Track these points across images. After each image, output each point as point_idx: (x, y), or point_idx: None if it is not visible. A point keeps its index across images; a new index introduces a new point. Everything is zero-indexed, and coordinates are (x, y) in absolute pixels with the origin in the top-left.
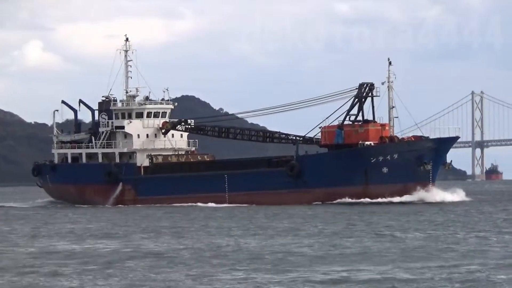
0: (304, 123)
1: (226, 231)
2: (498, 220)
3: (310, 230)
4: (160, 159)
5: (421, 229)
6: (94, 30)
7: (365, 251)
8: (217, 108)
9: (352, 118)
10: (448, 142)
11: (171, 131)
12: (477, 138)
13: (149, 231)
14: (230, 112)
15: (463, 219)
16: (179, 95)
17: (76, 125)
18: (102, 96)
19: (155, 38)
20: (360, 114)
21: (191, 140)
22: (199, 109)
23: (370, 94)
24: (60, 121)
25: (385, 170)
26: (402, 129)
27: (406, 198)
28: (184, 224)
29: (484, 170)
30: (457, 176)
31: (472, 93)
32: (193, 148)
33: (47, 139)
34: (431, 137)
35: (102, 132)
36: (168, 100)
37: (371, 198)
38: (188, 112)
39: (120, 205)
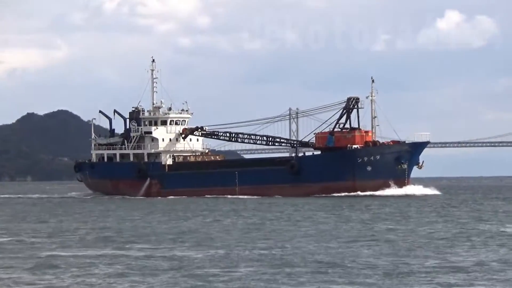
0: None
1: None
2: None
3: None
4: (181, 159)
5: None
6: None
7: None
8: (86, 120)
9: (341, 126)
10: (421, 146)
11: (190, 136)
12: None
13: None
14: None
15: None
16: (55, 109)
17: (111, 130)
18: (132, 107)
19: (36, 63)
20: (348, 122)
21: (206, 143)
22: (71, 120)
23: (356, 106)
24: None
25: (369, 168)
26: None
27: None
28: None
29: None
30: None
31: (290, 109)
32: (207, 150)
33: None
34: (407, 142)
35: (133, 137)
36: (187, 111)
37: (358, 192)
38: (62, 123)
39: (149, 197)
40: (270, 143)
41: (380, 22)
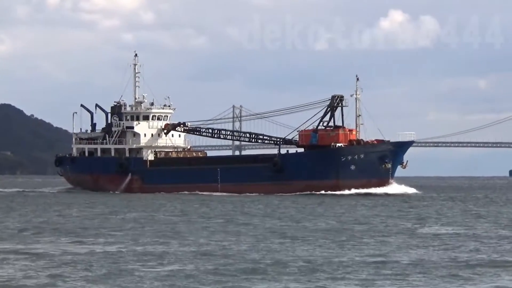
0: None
1: None
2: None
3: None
4: (163, 155)
5: None
6: None
7: None
8: (29, 114)
9: (325, 124)
10: (405, 146)
11: (172, 132)
12: (236, 143)
13: None
14: None
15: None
16: None
17: (92, 125)
18: (114, 102)
19: None
20: (332, 120)
21: (187, 140)
22: (14, 115)
23: (340, 104)
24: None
25: (353, 167)
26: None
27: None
28: None
29: None
30: None
31: (233, 106)
32: (189, 146)
33: None
34: (391, 141)
35: (115, 131)
36: (169, 106)
37: (341, 191)
38: (5, 117)
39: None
40: (253, 140)
41: (323, 20)
